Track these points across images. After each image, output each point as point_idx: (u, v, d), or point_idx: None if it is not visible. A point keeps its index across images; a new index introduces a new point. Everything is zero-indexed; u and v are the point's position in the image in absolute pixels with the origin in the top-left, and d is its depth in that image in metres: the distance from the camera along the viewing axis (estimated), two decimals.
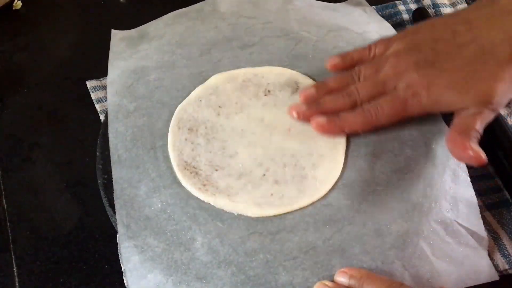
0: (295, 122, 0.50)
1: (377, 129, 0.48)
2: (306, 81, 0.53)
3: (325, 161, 0.48)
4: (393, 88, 0.47)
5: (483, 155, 0.44)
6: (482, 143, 0.53)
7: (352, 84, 0.49)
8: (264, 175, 0.48)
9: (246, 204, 0.46)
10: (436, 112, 0.48)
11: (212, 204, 0.46)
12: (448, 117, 0.54)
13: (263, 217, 0.46)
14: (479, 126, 0.45)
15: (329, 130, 0.48)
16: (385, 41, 0.50)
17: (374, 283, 0.41)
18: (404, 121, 0.48)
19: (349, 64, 0.51)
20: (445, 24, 0.47)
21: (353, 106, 0.48)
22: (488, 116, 0.46)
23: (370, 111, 0.47)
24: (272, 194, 0.47)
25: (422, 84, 0.46)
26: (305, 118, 0.49)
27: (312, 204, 0.46)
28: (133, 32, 0.59)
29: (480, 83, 0.45)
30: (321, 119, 0.48)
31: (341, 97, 0.48)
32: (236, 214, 0.46)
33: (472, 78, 0.45)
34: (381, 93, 0.47)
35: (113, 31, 0.58)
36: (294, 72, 0.54)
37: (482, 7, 0.47)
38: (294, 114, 0.49)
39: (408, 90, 0.46)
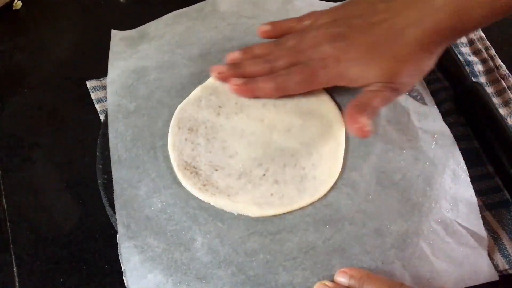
0: (295, 122, 0.50)
1: (289, 94, 0.50)
2: None
3: (325, 161, 0.48)
4: (308, 59, 0.48)
5: (366, 127, 0.45)
6: (482, 142, 0.53)
7: (276, 52, 0.50)
8: (264, 175, 0.48)
9: (246, 204, 0.46)
10: (343, 85, 0.49)
11: (212, 204, 0.46)
12: (447, 118, 0.54)
13: (263, 217, 0.46)
14: (377, 103, 0.46)
15: (243, 92, 0.50)
16: (316, 14, 0.52)
17: (374, 283, 0.41)
18: (316, 90, 0.50)
19: (279, 32, 0.52)
20: (369, 2, 0.48)
21: (270, 73, 0.50)
22: (390, 96, 0.47)
23: (282, 78, 0.49)
24: (272, 194, 0.47)
25: (333, 56, 0.47)
26: (224, 78, 0.51)
27: (312, 204, 0.46)
28: (133, 32, 0.59)
29: (385, 62, 0.46)
30: (237, 80, 0.50)
31: (260, 63, 0.50)
32: (236, 214, 0.46)
33: (378, 56, 0.46)
34: (297, 63, 0.49)
35: (113, 31, 0.58)
36: None
37: None
38: (215, 74, 0.51)
39: (319, 62, 0.48)
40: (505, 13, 0.44)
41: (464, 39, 0.61)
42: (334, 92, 0.52)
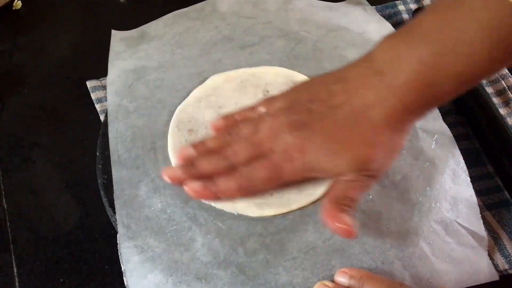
0: None
1: (254, 195, 0.45)
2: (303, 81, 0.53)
3: None
4: (270, 151, 0.43)
5: (353, 228, 0.40)
6: (482, 142, 0.53)
7: (232, 145, 0.45)
8: None
9: (246, 204, 0.46)
10: (314, 177, 0.45)
11: (212, 204, 0.46)
12: (447, 118, 0.54)
13: (263, 217, 0.46)
14: (355, 194, 0.42)
15: (203, 197, 0.45)
16: (269, 100, 0.47)
17: (374, 283, 0.41)
18: (285, 185, 0.45)
19: (232, 125, 0.47)
20: (323, 83, 0.44)
21: (230, 169, 0.44)
22: (368, 184, 0.42)
23: (245, 176, 0.43)
24: (272, 194, 0.46)
25: (296, 147, 0.42)
26: (178, 183, 0.45)
27: (312, 204, 0.46)
28: (133, 32, 0.59)
29: (355, 149, 0.41)
30: (194, 185, 0.44)
31: (217, 160, 0.44)
32: (236, 214, 0.46)
33: (346, 143, 0.42)
34: (258, 156, 0.43)
35: (113, 31, 0.58)
36: (290, 71, 0.54)
37: (358, 65, 0.43)
38: (167, 178, 0.45)
39: (282, 154, 0.43)
40: (472, 84, 0.40)
41: None
42: None
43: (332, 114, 0.42)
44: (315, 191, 0.47)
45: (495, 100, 0.56)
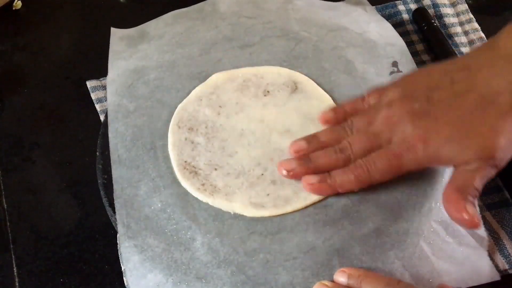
0: (294, 122, 0.50)
1: (372, 185, 0.45)
2: (304, 81, 0.53)
3: None
4: (388, 141, 0.43)
5: (476, 219, 0.41)
6: None
7: (345, 137, 0.45)
8: (262, 174, 0.48)
9: (242, 204, 0.46)
10: (434, 166, 0.45)
11: (210, 204, 0.46)
12: None
13: (262, 216, 0.46)
14: (478, 183, 0.42)
15: (321, 191, 0.45)
16: (380, 90, 0.47)
17: (372, 281, 0.41)
18: (402, 176, 0.45)
19: (342, 117, 0.47)
20: (443, 71, 0.44)
21: (347, 162, 0.44)
22: (490, 173, 0.42)
23: (363, 168, 0.44)
24: (268, 195, 0.46)
25: (418, 137, 0.42)
26: (295, 176, 0.46)
27: (312, 204, 0.46)
28: (132, 31, 0.59)
29: (482, 137, 0.41)
30: (312, 179, 0.45)
31: (334, 153, 0.45)
32: (232, 213, 0.46)
33: (472, 131, 0.42)
34: (375, 147, 0.44)
35: (112, 29, 0.58)
36: (292, 72, 0.54)
37: (481, 53, 0.43)
38: (284, 172, 0.46)
39: (403, 144, 0.43)
40: None
41: (464, 39, 0.61)
42: (334, 92, 0.53)
43: (456, 102, 0.42)
44: (310, 194, 0.46)
45: None
